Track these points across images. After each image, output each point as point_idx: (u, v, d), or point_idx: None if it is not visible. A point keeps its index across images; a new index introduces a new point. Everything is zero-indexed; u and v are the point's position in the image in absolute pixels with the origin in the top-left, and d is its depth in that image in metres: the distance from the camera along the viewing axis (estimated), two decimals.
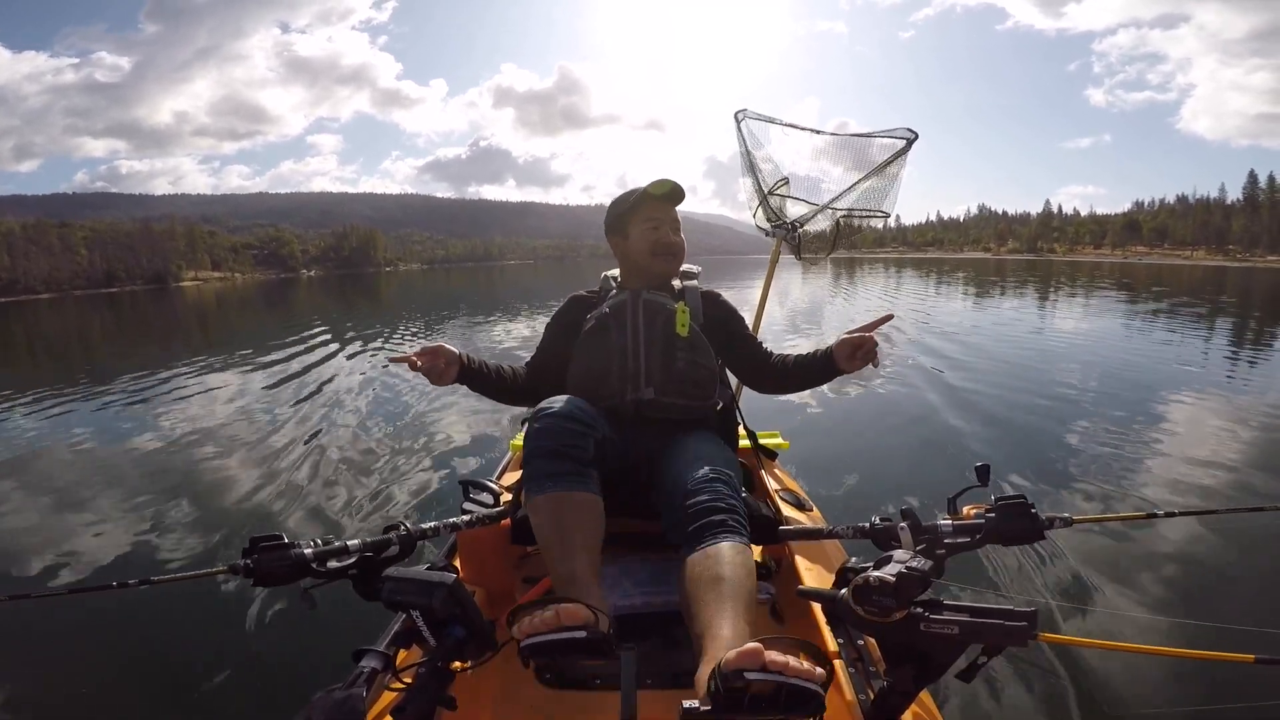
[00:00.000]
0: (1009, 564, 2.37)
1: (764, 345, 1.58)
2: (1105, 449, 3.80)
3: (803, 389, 1.57)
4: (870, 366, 1.37)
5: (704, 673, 0.82)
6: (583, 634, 0.81)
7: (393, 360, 1.45)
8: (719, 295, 1.57)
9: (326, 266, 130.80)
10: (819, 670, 0.68)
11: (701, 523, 1.09)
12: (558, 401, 1.25)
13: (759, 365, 1.53)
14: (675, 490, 1.17)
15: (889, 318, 1.46)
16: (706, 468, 1.17)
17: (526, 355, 1.65)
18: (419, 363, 1.30)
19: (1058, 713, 1.67)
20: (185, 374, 7.59)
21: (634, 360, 1.39)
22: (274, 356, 8.75)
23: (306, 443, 4.34)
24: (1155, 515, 1.39)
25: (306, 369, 7.55)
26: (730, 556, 1.03)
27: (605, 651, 0.82)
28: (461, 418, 4.93)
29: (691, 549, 1.07)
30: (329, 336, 10.72)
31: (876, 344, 1.35)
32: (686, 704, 0.68)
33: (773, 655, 0.66)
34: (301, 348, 9.43)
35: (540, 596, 0.88)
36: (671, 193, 1.49)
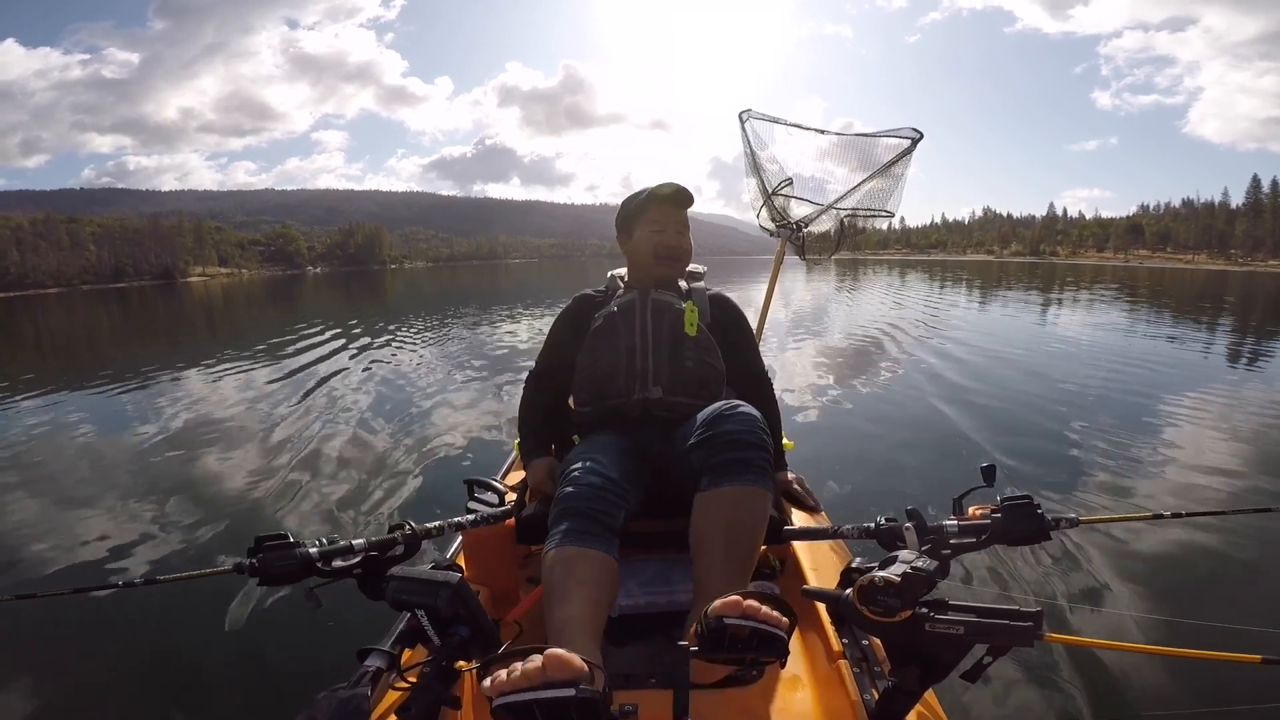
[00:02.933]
0: (1015, 564, 2.36)
1: (761, 364, 1.59)
2: (1111, 450, 3.78)
3: None
4: None
5: (693, 619, 0.96)
6: (571, 692, 0.66)
7: None
8: (728, 299, 1.57)
9: (332, 263, 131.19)
10: (785, 619, 0.77)
11: (728, 456, 1.12)
12: (595, 467, 1.18)
13: (743, 385, 1.52)
14: (706, 418, 1.19)
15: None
16: (742, 407, 1.20)
17: (532, 350, 1.65)
18: None
19: (1063, 713, 1.66)
20: (192, 371, 7.63)
21: (642, 359, 1.39)
22: (280, 354, 8.78)
23: (311, 441, 4.35)
24: (1161, 516, 1.38)
25: (312, 367, 7.57)
26: (750, 505, 1.10)
27: (598, 716, 0.67)
28: (466, 416, 4.94)
29: (713, 483, 1.11)
30: (335, 334, 10.76)
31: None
32: (678, 644, 0.75)
33: (748, 604, 0.77)
34: (307, 345, 9.46)
35: (521, 647, 0.74)
36: (676, 195, 1.49)
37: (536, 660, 0.68)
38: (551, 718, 0.66)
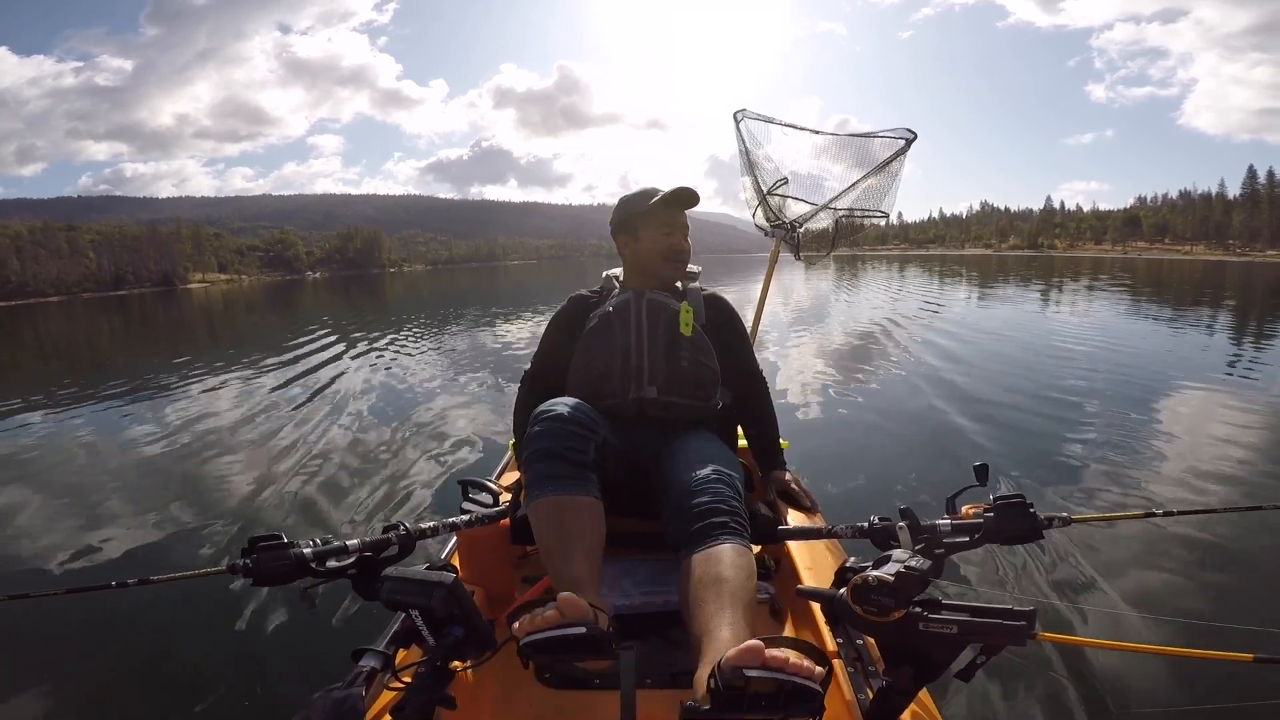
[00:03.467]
0: (1008, 563, 2.36)
1: (755, 364, 1.61)
2: (1104, 448, 3.78)
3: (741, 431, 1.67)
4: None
5: (703, 673, 0.82)
6: (583, 630, 0.79)
7: None
8: (722, 299, 1.58)
9: (332, 268, 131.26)
10: (819, 669, 0.67)
11: (703, 524, 1.09)
12: (559, 404, 1.24)
13: (738, 385, 1.56)
14: (677, 490, 1.17)
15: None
16: (709, 468, 1.17)
17: (527, 351, 1.66)
18: None
19: (1057, 712, 1.67)
20: (191, 376, 7.63)
21: (637, 359, 1.39)
22: (278, 358, 8.79)
23: (306, 443, 4.35)
24: (1154, 514, 1.39)
25: (309, 370, 7.58)
26: (731, 559, 1.04)
27: (605, 650, 0.81)
28: (461, 417, 4.95)
29: (693, 550, 1.07)
30: (333, 338, 10.76)
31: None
32: (687, 703, 0.69)
33: (773, 653, 0.66)
34: (306, 350, 9.46)
35: (540, 595, 0.86)
36: (691, 199, 1.49)
37: (553, 607, 0.81)
38: (568, 650, 0.80)
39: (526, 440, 1.20)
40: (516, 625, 0.82)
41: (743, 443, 1.69)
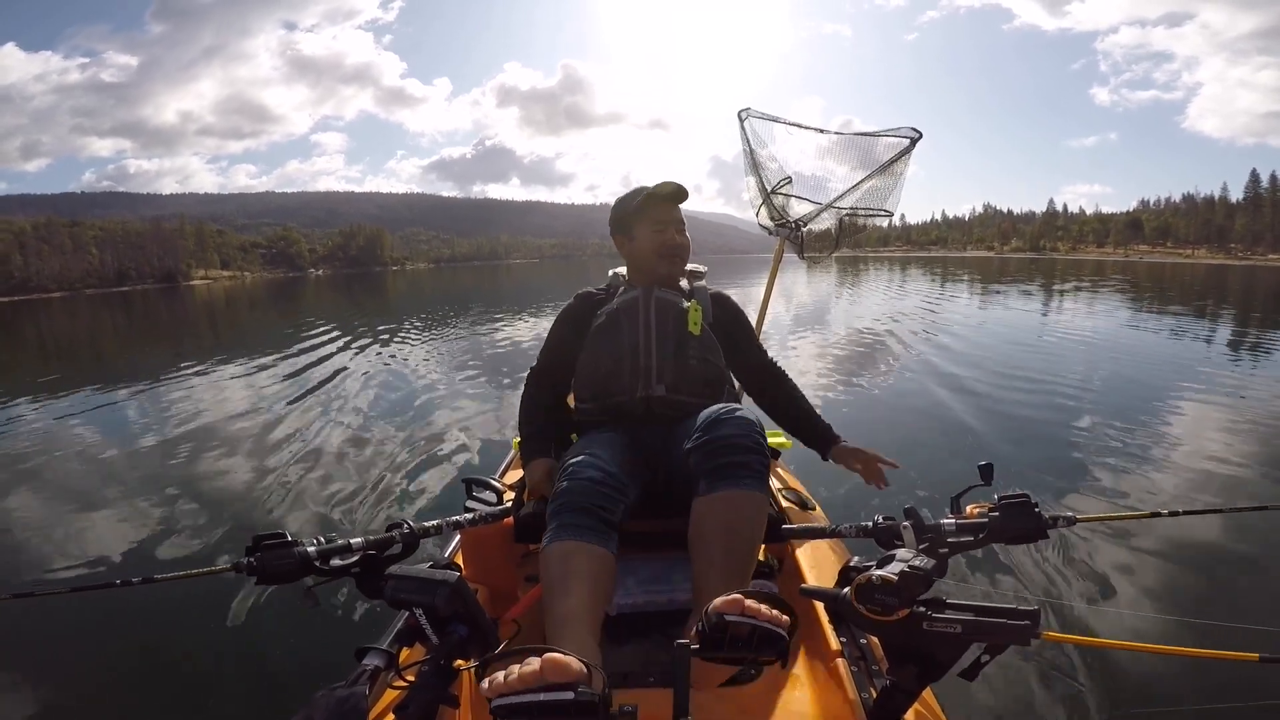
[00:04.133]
0: (1012, 563, 2.36)
1: (766, 355, 1.62)
2: (1109, 447, 3.78)
3: (781, 426, 1.67)
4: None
5: (694, 619, 0.98)
6: (570, 695, 0.65)
7: None
8: (728, 297, 1.59)
9: (334, 265, 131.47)
10: (785, 618, 0.77)
11: (726, 460, 1.13)
12: (591, 457, 1.20)
13: (754, 379, 1.60)
14: (703, 423, 1.19)
15: (895, 465, 1.56)
16: (739, 410, 1.21)
17: (531, 349, 1.66)
18: None
19: (1061, 711, 1.66)
20: (195, 373, 7.65)
21: (646, 357, 1.39)
22: (282, 356, 8.80)
23: (310, 441, 4.36)
24: (1159, 514, 1.38)
25: (312, 368, 7.59)
26: (746, 508, 1.11)
27: (597, 717, 0.65)
28: (465, 415, 4.95)
29: (713, 487, 1.12)
30: (336, 335, 10.78)
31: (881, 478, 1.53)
32: (679, 641, 0.74)
33: (749, 603, 0.76)
34: (309, 347, 9.48)
35: (519, 647, 0.72)
36: (676, 194, 1.49)
37: (534, 663, 0.66)
38: (549, 717, 0.65)
39: (556, 493, 1.16)
40: (486, 683, 0.67)
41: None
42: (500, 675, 0.67)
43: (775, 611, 0.77)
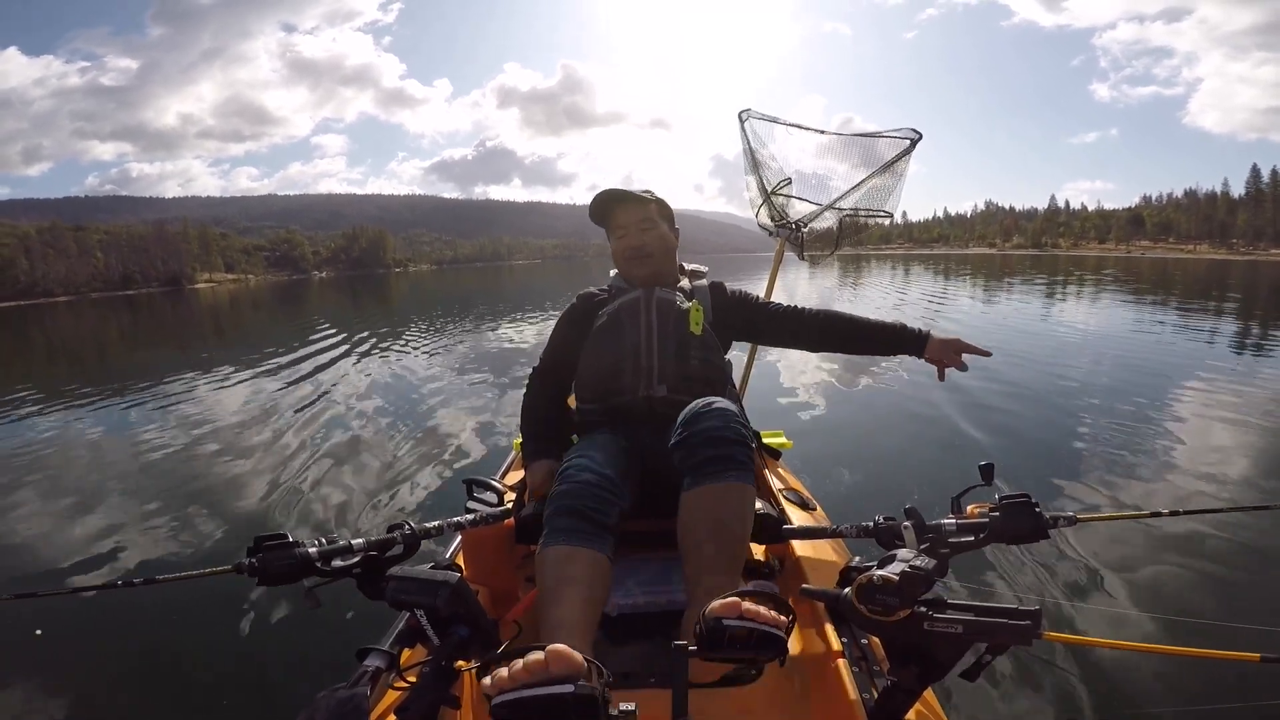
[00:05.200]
0: (1013, 563, 2.35)
1: (784, 305, 1.59)
2: (1110, 447, 3.76)
3: (850, 351, 1.64)
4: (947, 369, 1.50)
5: (690, 618, 0.99)
6: (569, 689, 0.64)
7: None
8: (722, 284, 1.60)
9: (338, 267, 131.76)
10: (783, 619, 0.78)
11: (710, 454, 1.13)
12: (587, 459, 1.21)
13: (793, 326, 1.55)
14: (684, 419, 1.19)
15: (988, 354, 1.53)
16: (717, 403, 1.20)
17: (533, 350, 1.66)
18: None
19: (1062, 711, 1.66)
20: (198, 376, 7.66)
21: (647, 357, 1.40)
22: (285, 358, 8.82)
23: (311, 442, 4.36)
24: (1160, 514, 1.38)
25: (314, 370, 7.60)
26: (733, 501, 1.12)
27: (596, 714, 0.65)
28: (466, 416, 4.95)
29: (698, 482, 1.12)
30: (340, 337, 10.79)
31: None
32: (676, 643, 0.74)
33: (748, 605, 0.77)
34: (312, 349, 9.49)
35: (520, 647, 0.71)
36: (617, 197, 1.50)
37: (539, 655, 0.66)
38: (549, 715, 0.65)
39: (552, 495, 1.17)
40: (488, 680, 0.67)
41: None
42: (504, 670, 0.67)
43: (773, 612, 0.77)
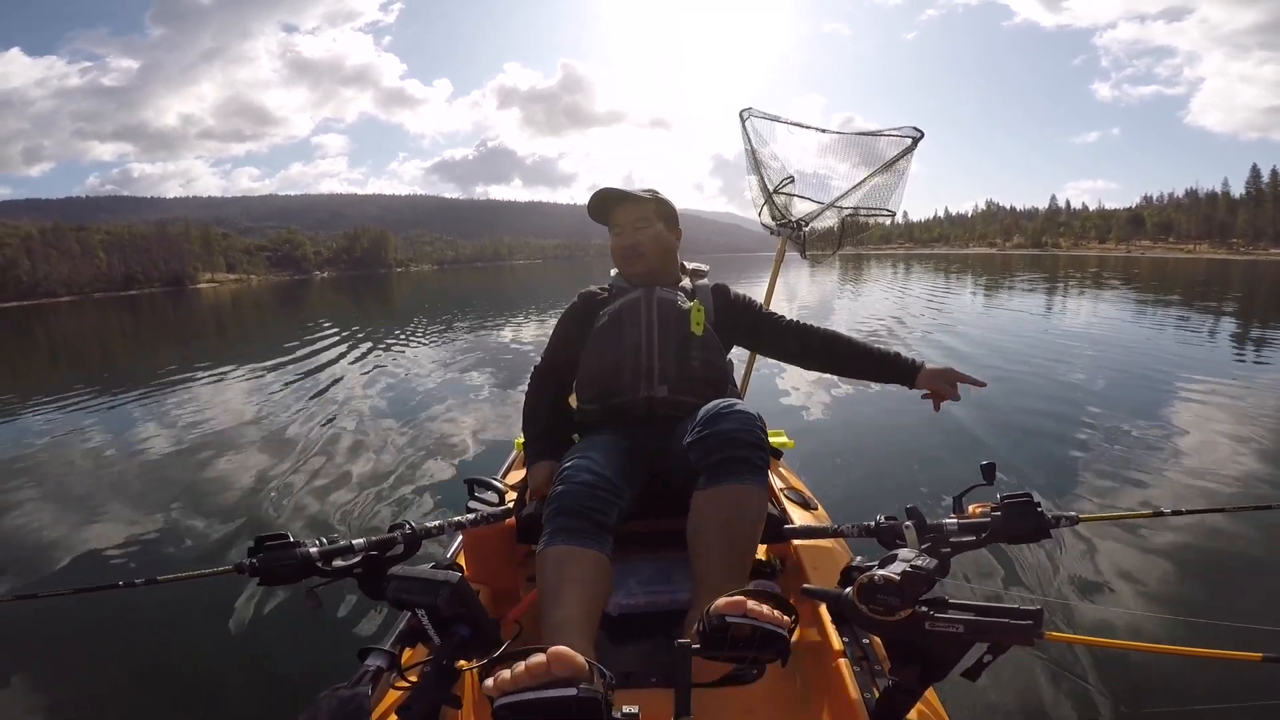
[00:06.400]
0: (1015, 562, 2.35)
1: (786, 319, 1.59)
2: (1112, 447, 3.76)
3: (844, 375, 1.62)
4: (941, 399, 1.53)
5: (693, 617, 0.99)
6: (572, 691, 0.64)
7: None
8: (727, 287, 1.59)
9: (339, 268, 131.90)
10: (786, 618, 0.78)
11: (727, 455, 1.13)
12: (586, 460, 1.21)
13: (794, 345, 1.55)
14: (702, 418, 1.20)
15: (982, 384, 1.54)
16: (739, 405, 1.21)
17: (533, 349, 1.66)
18: None
19: (1063, 711, 1.66)
20: (201, 376, 7.68)
21: (648, 358, 1.39)
22: (287, 358, 8.83)
23: (314, 442, 4.37)
24: (1161, 513, 1.38)
25: (317, 369, 7.62)
26: (746, 503, 1.12)
27: (600, 715, 0.65)
28: (466, 416, 4.96)
29: (712, 482, 1.13)
30: (341, 337, 10.82)
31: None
32: (679, 641, 0.74)
33: (751, 605, 0.77)
34: (314, 349, 9.51)
35: (521, 648, 0.71)
36: (614, 196, 1.50)
37: (540, 657, 0.66)
38: (552, 718, 0.64)
39: (551, 495, 1.18)
40: (490, 682, 0.67)
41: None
42: (505, 673, 0.66)
43: (776, 611, 0.78)
